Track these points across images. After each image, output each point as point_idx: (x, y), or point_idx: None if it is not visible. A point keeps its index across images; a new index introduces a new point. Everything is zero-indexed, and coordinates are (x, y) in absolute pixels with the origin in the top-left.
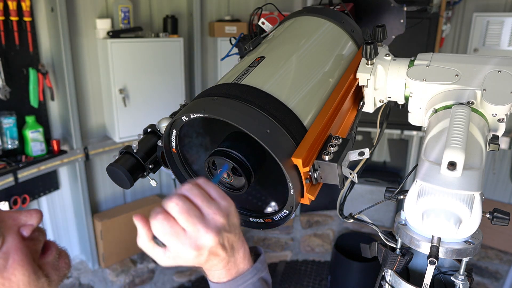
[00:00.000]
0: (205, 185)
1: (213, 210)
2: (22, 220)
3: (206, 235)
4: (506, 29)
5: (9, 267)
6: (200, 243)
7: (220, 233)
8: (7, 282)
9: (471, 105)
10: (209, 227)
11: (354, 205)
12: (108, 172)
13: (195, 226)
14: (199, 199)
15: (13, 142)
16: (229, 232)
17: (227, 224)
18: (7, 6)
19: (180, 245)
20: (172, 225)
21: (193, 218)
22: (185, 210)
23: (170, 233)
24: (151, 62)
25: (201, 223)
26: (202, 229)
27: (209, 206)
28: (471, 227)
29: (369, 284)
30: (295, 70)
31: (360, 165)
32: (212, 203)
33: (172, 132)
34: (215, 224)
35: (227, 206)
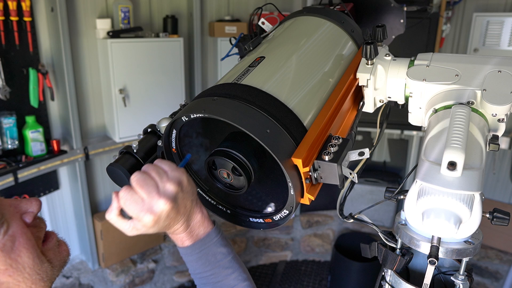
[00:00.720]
0: (159, 162)
1: (164, 179)
2: (23, 207)
3: (159, 200)
4: (506, 29)
5: (15, 249)
6: (155, 208)
7: (174, 199)
8: (14, 263)
9: (471, 105)
10: (161, 194)
11: (354, 205)
12: (108, 172)
13: (150, 194)
14: (152, 172)
15: (13, 142)
16: (183, 198)
17: (180, 191)
18: (7, 6)
19: (138, 211)
20: (132, 194)
21: (148, 187)
22: (141, 181)
23: (130, 201)
24: (151, 62)
25: (154, 191)
26: (155, 196)
27: (160, 177)
28: (471, 227)
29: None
30: (295, 70)
31: (360, 165)
32: (164, 174)
33: (172, 132)
34: (167, 191)
35: (178, 175)
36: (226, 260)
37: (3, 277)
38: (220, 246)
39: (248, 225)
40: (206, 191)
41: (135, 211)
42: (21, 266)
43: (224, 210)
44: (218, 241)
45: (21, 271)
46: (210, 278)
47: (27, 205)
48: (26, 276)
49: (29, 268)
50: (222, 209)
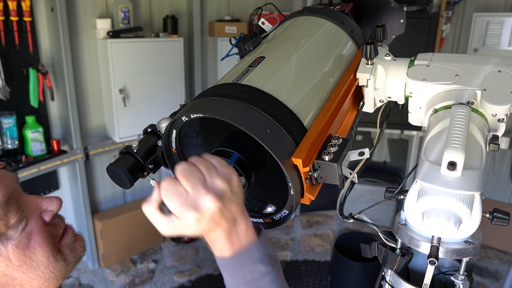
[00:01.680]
0: (208, 156)
1: (213, 174)
2: (44, 205)
3: (206, 196)
4: (506, 29)
5: (30, 246)
6: (200, 204)
7: (221, 198)
8: (28, 260)
9: (471, 105)
10: (209, 190)
11: (354, 205)
12: (108, 172)
13: (196, 187)
14: (200, 164)
15: (13, 142)
16: (231, 200)
17: (228, 191)
18: (7, 6)
19: (180, 205)
20: (176, 185)
21: (195, 179)
22: (187, 171)
23: (173, 192)
24: (151, 62)
25: (201, 184)
26: (202, 190)
27: (209, 170)
28: (471, 227)
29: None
30: (295, 70)
31: (360, 165)
32: (213, 169)
33: (172, 132)
34: (215, 187)
35: (228, 172)
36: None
37: (17, 273)
38: (260, 263)
39: None
40: None
41: (177, 205)
42: (35, 263)
43: None
44: (260, 257)
45: (35, 268)
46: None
47: (47, 203)
48: (40, 273)
49: (43, 266)
50: None
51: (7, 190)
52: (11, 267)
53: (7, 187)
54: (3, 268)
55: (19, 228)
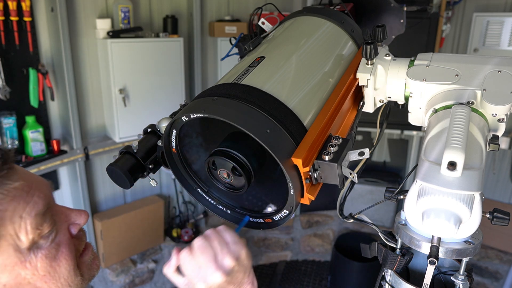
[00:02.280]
0: (224, 230)
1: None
2: (73, 218)
3: (215, 273)
4: (506, 29)
5: (57, 258)
6: (209, 279)
7: (229, 273)
8: (52, 271)
9: (471, 105)
10: (218, 267)
11: (354, 205)
12: (108, 172)
13: (208, 263)
14: (215, 240)
15: (13, 142)
16: (238, 271)
17: (236, 265)
18: (7, 6)
19: (194, 276)
20: (192, 258)
21: (207, 256)
22: (202, 248)
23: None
24: (151, 62)
25: (212, 261)
26: (213, 266)
27: (221, 247)
28: (471, 227)
29: (369, 284)
30: (295, 70)
31: (360, 165)
32: (225, 246)
33: (172, 132)
34: (224, 264)
35: (238, 250)
36: None
37: (40, 282)
38: None
39: (248, 225)
40: (206, 191)
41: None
42: (58, 275)
43: (224, 210)
44: None
45: (56, 280)
46: None
47: (76, 216)
48: (59, 285)
49: (63, 278)
50: (222, 209)
51: (46, 200)
52: (36, 276)
53: (47, 197)
54: (29, 276)
55: (49, 238)
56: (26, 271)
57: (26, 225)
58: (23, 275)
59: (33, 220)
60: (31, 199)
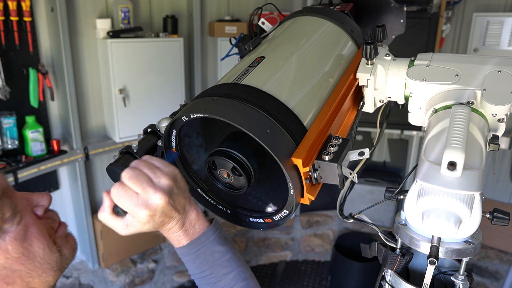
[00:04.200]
0: (150, 158)
1: (158, 174)
2: (35, 200)
3: (155, 194)
4: (506, 29)
5: (27, 238)
6: (150, 202)
7: (169, 193)
8: (26, 251)
9: (471, 105)
10: (156, 188)
11: (354, 205)
12: (108, 172)
13: (145, 188)
14: (144, 167)
15: (13, 142)
16: (178, 194)
17: (174, 187)
18: (7, 6)
19: (133, 206)
20: (126, 189)
21: (142, 182)
22: (134, 176)
23: (124, 196)
24: (151, 62)
25: (149, 185)
26: (150, 190)
27: (153, 172)
28: (471, 227)
29: (369, 284)
30: (295, 70)
31: (360, 165)
32: (157, 170)
33: (172, 132)
34: (162, 185)
35: (171, 171)
36: (224, 259)
37: (16, 265)
38: (218, 244)
39: (248, 225)
40: (206, 191)
41: (130, 206)
42: (32, 255)
43: (224, 210)
44: (216, 239)
45: (32, 259)
46: (209, 278)
47: (38, 198)
48: (37, 264)
49: (40, 257)
50: (222, 209)
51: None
52: (10, 259)
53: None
54: (2, 260)
55: (14, 221)
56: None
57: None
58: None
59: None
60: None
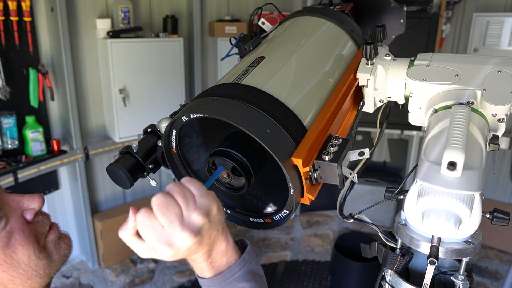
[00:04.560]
0: (188, 182)
1: (191, 207)
2: (25, 204)
3: (182, 233)
4: (506, 29)
5: (11, 245)
6: (175, 241)
7: (199, 232)
8: (8, 259)
9: (471, 105)
10: (185, 226)
11: (354, 205)
12: (108, 172)
13: (172, 224)
14: (178, 195)
15: (13, 142)
16: (209, 229)
17: (207, 223)
18: (7, 6)
19: (156, 241)
20: (151, 219)
21: (171, 215)
22: (163, 205)
23: (148, 227)
24: (151, 62)
25: (178, 220)
26: (178, 227)
27: (187, 203)
28: (471, 227)
29: (369, 284)
30: (295, 70)
31: (360, 165)
32: (191, 201)
33: (172, 132)
34: (192, 223)
35: (208, 203)
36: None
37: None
38: (243, 281)
39: (248, 225)
40: None
41: (152, 240)
42: (15, 262)
43: (224, 210)
44: (242, 275)
45: (16, 267)
46: None
47: (29, 201)
48: (21, 272)
49: (24, 264)
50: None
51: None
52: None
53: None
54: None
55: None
56: None
57: None
58: None
59: None
60: None
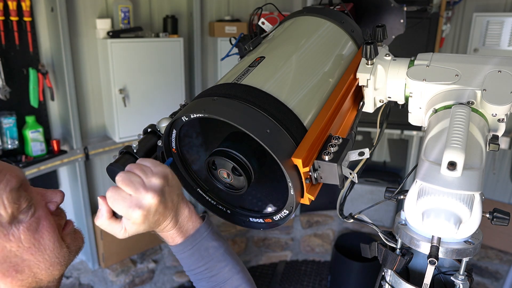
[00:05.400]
0: (142, 160)
1: (149, 175)
2: (49, 196)
3: (147, 194)
4: (506, 29)
5: (39, 230)
6: (143, 202)
7: (161, 192)
8: (37, 243)
9: (471, 105)
10: (148, 188)
11: (354, 205)
12: (108, 172)
13: (137, 190)
14: (136, 169)
15: (13, 142)
16: (170, 192)
17: (166, 185)
18: (7, 6)
19: (127, 207)
20: (119, 192)
21: (134, 183)
22: (126, 178)
23: (118, 199)
24: (151, 62)
25: (141, 186)
26: (142, 190)
27: (145, 173)
28: (471, 227)
29: (369, 284)
30: (295, 70)
31: (360, 165)
32: (148, 170)
33: (172, 132)
34: (153, 185)
35: (162, 170)
36: (218, 253)
37: (26, 254)
38: (212, 240)
39: (248, 225)
40: (206, 191)
41: (124, 208)
42: (42, 247)
43: (224, 210)
44: (209, 235)
45: (42, 251)
46: (205, 273)
47: (52, 194)
48: (46, 257)
49: (49, 250)
50: (222, 209)
51: (19, 179)
52: (22, 248)
53: (19, 177)
54: (14, 248)
55: (29, 213)
56: (11, 244)
57: (3, 199)
58: (8, 248)
59: (9, 195)
60: (4, 178)
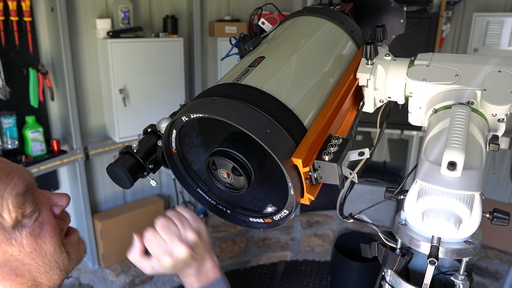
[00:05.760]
0: (183, 210)
1: (186, 227)
2: (54, 200)
3: (180, 246)
4: (506, 29)
5: (42, 235)
6: (175, 252)
7: (193, 247)
8: (38, 248)
9: (471, 105)
10: (182, 241)
11: (354, 205)
12: (108, 172)
13: (172, 239)
14: (175, 218)
15: (13, 142)
16: (200, 247)
17: (198, 240)
18: (7, 6)
19: (160, 252)
20: (156, 236)
21: (171, 233)
22: (165, 225)
23: (153, 242)
24: (151, 62)
25: (176, 236)
26: (177, 241)
27: (182, 224)
28: (471, 227)
29: (369, 284)
30: (295, 70)
31: (360, 165)
32: (186, 222)
33: (172, 132)
34: (187, 239)
35: (198, 225)
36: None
37: (27, 259)
38: None
39: (248, 225)
40: (206, 191)
41: (157, 252)
42: (43, 252)
43: (224, 210)
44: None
45: (43, 256)
46: None
47: (57, 198)
48: (46, 262)
49: (50, 255)
50: (222, 209)
51: (26, 182)
52: (23, 252)
53: (26, 180)
54: (16, 253)
55: (32, 218)
56: (12, 248)
57: (8, 204)
58: (10, 252)
59: (14, 200)
60: (11, 181)
